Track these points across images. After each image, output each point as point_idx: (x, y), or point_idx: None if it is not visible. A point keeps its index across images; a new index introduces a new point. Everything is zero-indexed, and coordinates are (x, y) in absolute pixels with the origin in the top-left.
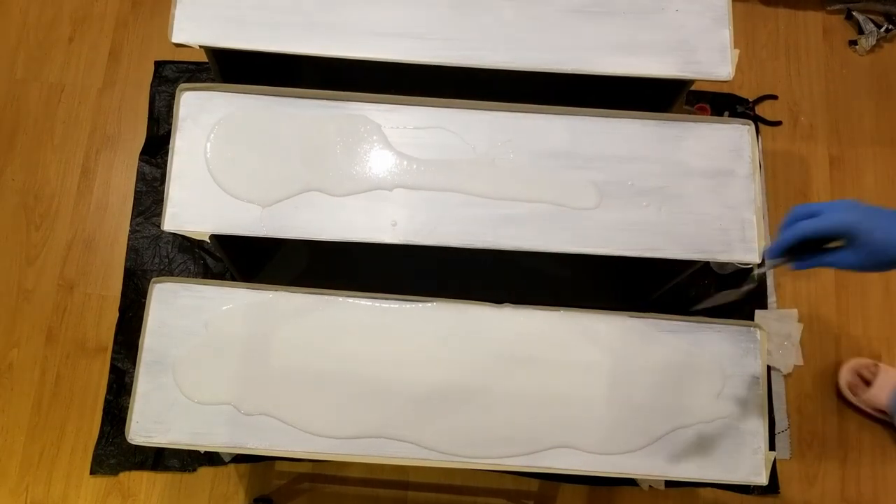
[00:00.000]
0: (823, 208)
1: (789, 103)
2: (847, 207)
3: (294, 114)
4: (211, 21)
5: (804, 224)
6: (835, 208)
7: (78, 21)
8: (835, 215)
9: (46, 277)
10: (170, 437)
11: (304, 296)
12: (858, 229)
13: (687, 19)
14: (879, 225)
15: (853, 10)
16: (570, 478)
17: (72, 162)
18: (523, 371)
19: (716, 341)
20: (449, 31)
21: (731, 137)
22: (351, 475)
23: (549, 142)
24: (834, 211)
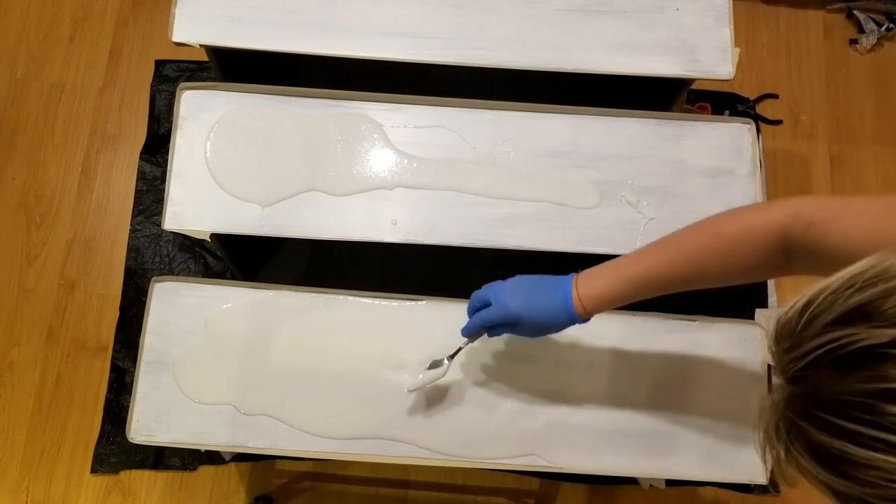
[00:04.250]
0: (492, 297)
1: (790, 102)
2: (511, 297)
3: (294, 113)
4: (211, 20)
5: (482, 315)
6: (501, 299)
7: (78, 20)
8: (500, 310)
9: (47, 277)
10: (170, 436)
11: (305, 295)
12: (520, 318)
13: (687, 18)
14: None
15: (854, 9)
16: (571, 476)
17: (72, 161)
18: (524, 370)
19: (716, 340)
20: (449, 31)
21: (731, 136)
22: (351, 474)
23: (549, 141)
24: (500, 302)
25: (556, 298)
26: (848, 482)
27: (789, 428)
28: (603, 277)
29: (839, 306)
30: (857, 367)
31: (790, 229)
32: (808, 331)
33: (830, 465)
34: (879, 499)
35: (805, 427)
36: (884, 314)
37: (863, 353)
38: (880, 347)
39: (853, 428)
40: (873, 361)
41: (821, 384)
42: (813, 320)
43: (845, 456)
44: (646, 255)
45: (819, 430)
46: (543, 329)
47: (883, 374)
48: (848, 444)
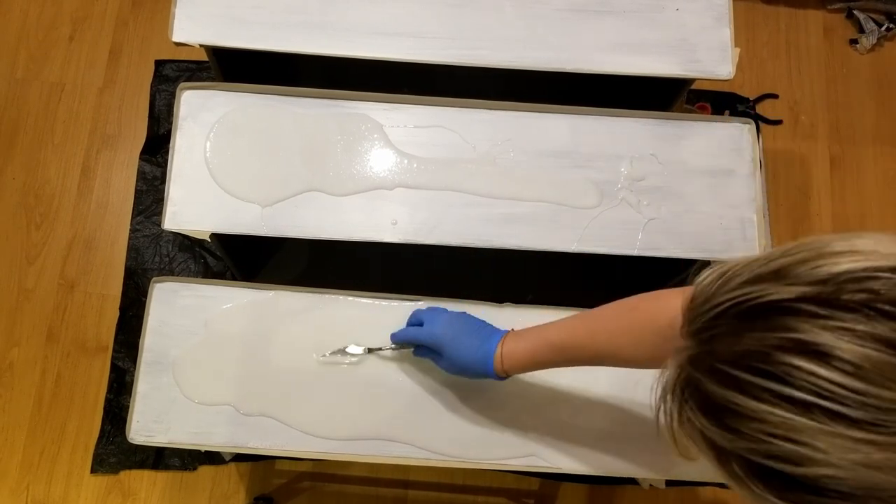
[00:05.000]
0: (427, 319)
1: (790, 102)
2: (443, 326)
3: (294, 113)
4: (211, 20)
5: (411, 331)
6: (434, 324)
7: (78, 20)
8: (427, 335)
9: (47, 277)
10: (170, 436)
11: (305, 295)
12: (442, 351)
13: (687, 18)
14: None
15: (854, 9)
16: (571, 477)
17: (72, 161)
18: None
19: None
20: (449, 31)
21: (731, 136)
22: (351, 474)
23: (549, 141)
24: (432, 326)
25: (481, 349)
26: (732, 436)
27: (685, 383)
28: (526, 340)
29: (755, 269)
30: (760, 318)
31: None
32: (721, 289)
33: (718, 418)
34: (758, 455)
35: (700, 378)
36: (795, 275)
37: (768, 306)
38: (785, 301)
39: (746, 378)
40: (776, 314)
41: (722, 335)
42: (728, 281)
43: (733, 408)
44: (571, 324)
45: (712, 381)
46: (460, 371)
47: (784, 325)
48: (738, 394)
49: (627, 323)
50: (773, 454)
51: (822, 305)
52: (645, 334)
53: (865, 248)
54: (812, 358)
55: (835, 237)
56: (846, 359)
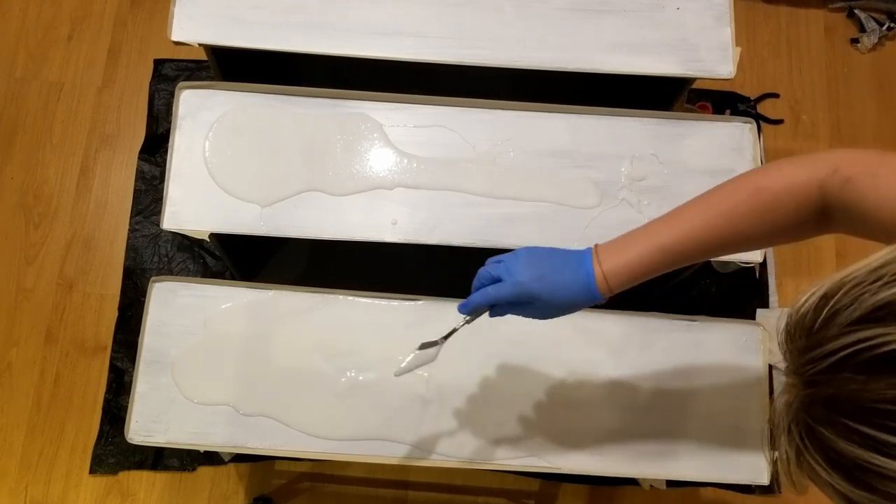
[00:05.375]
0: (503, 274)
1: (791, 102)
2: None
3: (294, 112)
4: (210, 19)
5: (490, 292)
6: (514, 274)
7: (77, 20)
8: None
9: (46, 276)
10: (169, 436)
11: (304, 295)
12: (536, 298)
13: (688, 18)
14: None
15: (855, 8)
16: (572, 477)
17: (71, 161)
18: (524, 370)
19: (717, 340)
20: (450, 30)
21: (732, 136)
22: (351, 474)
23: (549, 141)
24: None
25: (578, 276)
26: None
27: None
28: (630, 250)
29: (865, 302)
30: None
31: (828, 185)
32: (828, 329)
33: (852, 475)
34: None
35: (825, 434)
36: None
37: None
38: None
39: (883, 437)
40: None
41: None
42: (834, 317)
43: (870, 467)
44: (679, 220)
45: (841, 438)
46: (560, 310)
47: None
48: (874, 454)
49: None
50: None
51: None
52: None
53: None
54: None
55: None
56: None
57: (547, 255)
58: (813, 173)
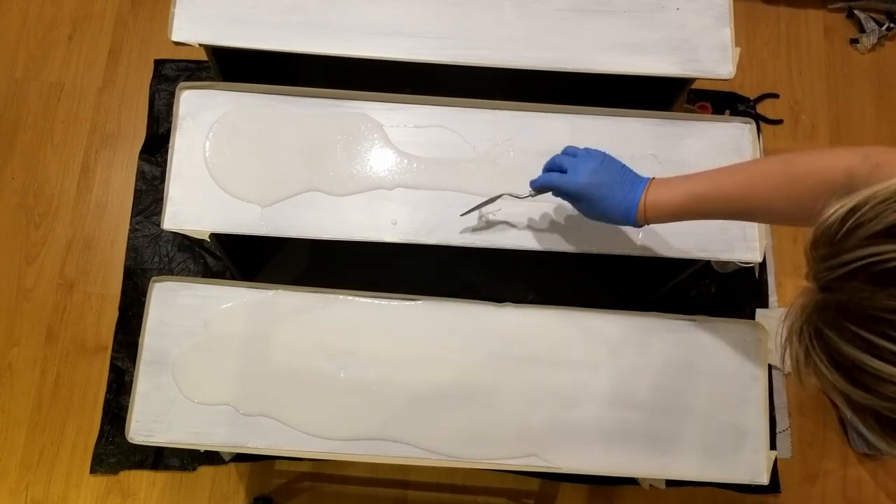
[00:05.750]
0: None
1: (790, 102)
2: (588, 175)
3: (294, 112)
4: (210, 20)
5: (554, 177)
6: (577, 173)
7: (78, 20)
8: (571, 183)
9: (46, 276)
10: (170, 436)
11: (304, 294)
12: (584, 199)
13: (688, 18)
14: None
15: (854, 9)
16: (571, 477)
17: (71, 161)
18: (524, 370)
19: (717, 340)
20: (450, 31)
21: (732, 136)
22: (351, 474)
23: (549, 141)
24: (576, 176)
25: (626, 199)
26: (867, 394)
27: (814, 334)
28: (672, 190)
29: (886, 218)
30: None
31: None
32: (849, 240)
33: (851, 376)
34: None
35: (831, 336)
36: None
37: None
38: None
39: (880, 343)
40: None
41: (854, 296)
42: (856, 229)
43: (868, 369)
44: (717, 176)
45: (845, 341)
46: (599, 218)
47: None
48: (873, 357)
49: (783, 179)
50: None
51: None
52: (802, 189)
53: None
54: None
55: None
56: None
57: (613, 170)
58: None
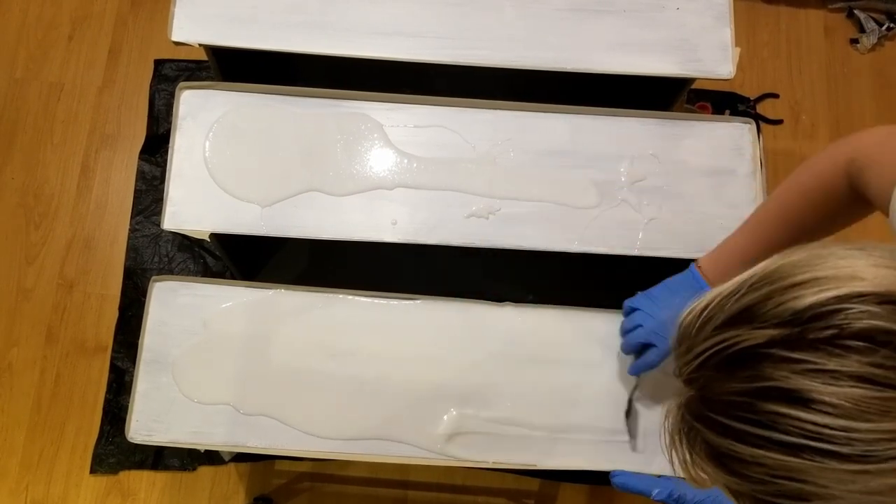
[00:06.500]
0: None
1: (791, 102)
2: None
3: (294, 112)
4: (210, 19)
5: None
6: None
7: (77, 20)
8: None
9: (46, 276)
10: (170, 436)
11: (304, 294)
12: None
13: (688, 18)
14: None
15: (854, 9)
16: (571, 477)
17: (71, 161)
18: (524, 370)
19: None
20: (450, 31)
21: (732, 136)
22: (351, 474)
23: (549, 141)
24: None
25: None
26: (739, 480)
27: (688, 431)
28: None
29: (728, 309)
30: (739, 367)
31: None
32: (700, 334)
33: (723, 464)
34: (767, 494)
35: (700, 428)
36: (762, 315)
37: (743, 354)
38: (757, 347)
39: (738, 427)
40: (752, 361)
41: (709, 385)
42: (705, 324)
43: (734, 455)
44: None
45: (710, 430)
46: None
47: (760, 373)
48: (735, 442)
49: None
50: (780, 492)
51: (791, 348)
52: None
53: (828, 274)
54: (792, 404)
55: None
56: (824, 401)
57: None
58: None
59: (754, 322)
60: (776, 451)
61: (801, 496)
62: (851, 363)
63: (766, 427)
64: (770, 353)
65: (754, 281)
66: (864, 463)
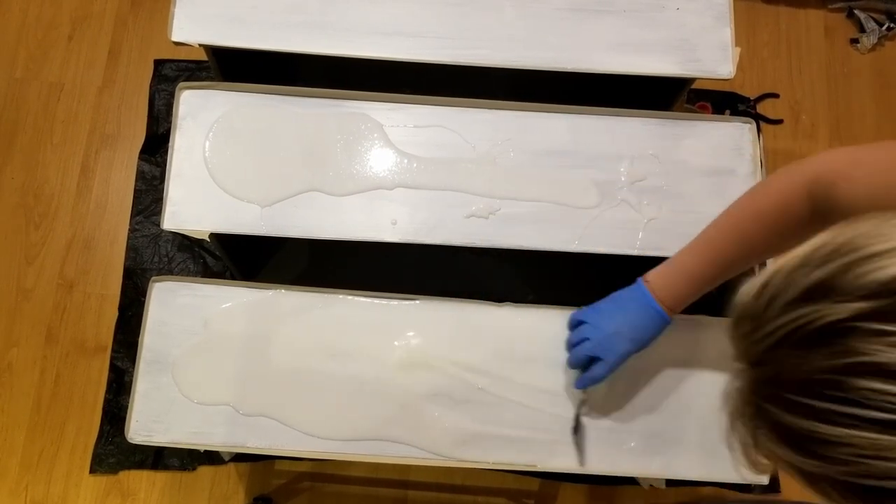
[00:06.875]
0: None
1: (791, 102)
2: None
3: (294, 112)
4: (210, 19)
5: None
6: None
7: (77, 20)
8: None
9: (46, 276)
10: (169, 436)
11: (304, 294)
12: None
13: (688, 18)
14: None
15: (854, 9)
16: (571, 477)
17: (71, 161)
18: (524, 370)
19: (717, 339)
20: (449, 30)
21: (732, 136)
22: (351, 474)
23: (549, 141)
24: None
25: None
26: (820, 462)
27: (755, 413)
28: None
29: (798, 284)
30: (822, 343)
31: (813, 193)
32: (768, 311)
33: (801, 446)
34: (852, 476)
35: (772, 410)
36: (843, 289)
37: (826, 330)
38: (843, 322)
39: (822, 406)
40: (837, 337)
41: (786, 365)
42: (773, 301)
43: (816, 436)
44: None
45: (787, 412)
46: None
47: (848, 348)
48: (818, 423)
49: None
50: (867, 473)
51: (882, 320)
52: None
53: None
54: (885, 378)
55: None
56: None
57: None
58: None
59: (834, 296)
60: (868, 430)
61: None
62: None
63: (858, 405)
64: (858, 327)
65: (823, 254)
66: None
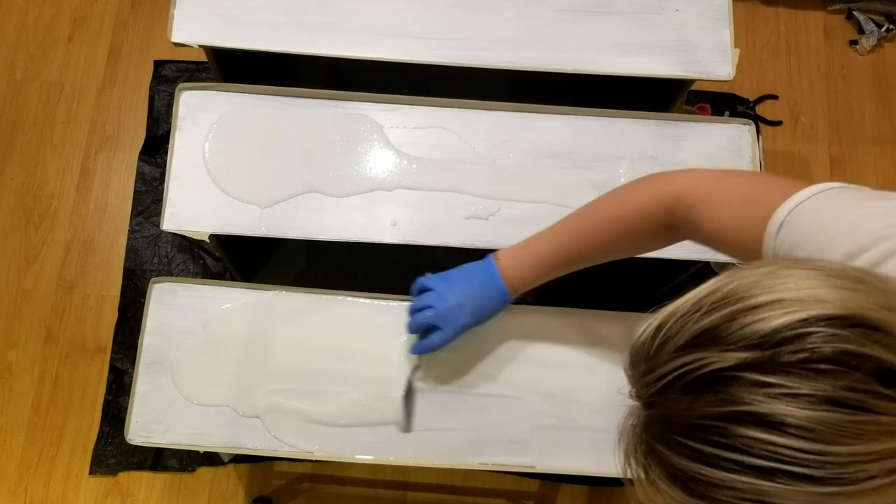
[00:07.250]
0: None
1: (790, 103)
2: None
3: (294, 113)
4: (210, 20)
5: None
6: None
7: (77, 21)
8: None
9: (45, 277)
10: (169, 437)
11: (304, 295)
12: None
13: (687, 19)
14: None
15: (854, 10)
16: (571, 478)
17: (71, 162)
18: (524, 371)
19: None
20: (449, 31)
21: (731, 137)
22: (351, 475)
23: (549, 142)
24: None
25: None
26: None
27: (647, 452)
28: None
29: (688, 330)
30: (707, 390)
31: (674, 211)
32: (660, 355)
33: (687, 487)
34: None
35: (661, 451)
36: (729, 338)
37: (711, 377)
38: (727, 370)
39: (708, 450)
40: (722, 385)
41: (674, 408)
42: (664, 344)
43: (701, 478)
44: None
45: (675, 454)
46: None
47: (731, 396)
48: (704, 466)
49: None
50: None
51: (763, 372)
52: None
53: (790, 297)
54: (765, 428)
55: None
56: (797, 424)
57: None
58: (662, 202)
59: (720, 344)
60: (749, 475)
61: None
62: (825, 387)
63: (739, 451)
64: (741, 377)
65: (713, 301)
66: (837, 485)
